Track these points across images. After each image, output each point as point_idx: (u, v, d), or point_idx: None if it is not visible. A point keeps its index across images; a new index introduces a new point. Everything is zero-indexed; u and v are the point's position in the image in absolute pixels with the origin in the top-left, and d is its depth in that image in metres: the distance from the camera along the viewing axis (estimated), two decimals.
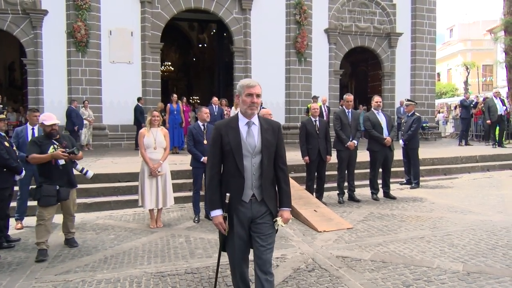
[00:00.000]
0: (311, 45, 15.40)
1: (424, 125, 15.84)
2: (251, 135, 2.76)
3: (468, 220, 5.85)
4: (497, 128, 13.54)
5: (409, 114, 8.62)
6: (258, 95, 2.75)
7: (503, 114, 13.53)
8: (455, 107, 18.83)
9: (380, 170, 7.62)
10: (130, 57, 13.72)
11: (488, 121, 13.40)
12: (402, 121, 9.37)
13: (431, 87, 17.47)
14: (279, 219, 2.80)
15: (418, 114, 8.61)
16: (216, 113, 11.39)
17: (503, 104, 13.93)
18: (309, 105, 13.07)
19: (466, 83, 29.57)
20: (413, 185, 8.44)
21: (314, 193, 7.18)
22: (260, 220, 2.76)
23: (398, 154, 8.42)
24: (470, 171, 10.18)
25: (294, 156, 8.91)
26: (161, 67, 16.17)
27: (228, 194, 2.70)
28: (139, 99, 12.93)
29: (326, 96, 14.52)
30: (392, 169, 8.00)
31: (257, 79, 2.94)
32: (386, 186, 7.60)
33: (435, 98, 18.22)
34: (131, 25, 13.67)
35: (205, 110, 6.31)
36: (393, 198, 7.43)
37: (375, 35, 16.50)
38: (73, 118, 12.01)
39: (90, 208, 6.89)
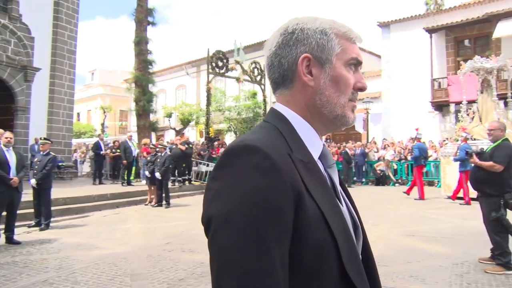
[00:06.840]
0: None
1: (60, 164, 15.63)
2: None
3: (93, 256, 6.14)
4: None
5: (43, 153, 8.35)
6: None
7: (135, 156, 15.32)
8: (92, 148, 19.63)
9: (4, 213, 6.91)
10: None
11: (124, 161, 14.71)
12: (35, 159, 8.92)
13: (69, 126, 17.58)
14: None
15: (53, 154, 8.52)
16: None
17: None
18: None
19: (103, 125, 31.56)
20: (42, 226, 8.07)
21: None
22: None
23: (27, 196, 7.96)
24: (102, 208, 10.77)
25: None
26: None
27: None
28: None
29: None
30: (20, 212, 7.44)
31: None
32: (9, 231, 6.92)
33: (72, 138, 18.41)
34: None
35: None
36: (18, 243, 6.84)
37: (8, 66, 15.14)
38: None
39: None
